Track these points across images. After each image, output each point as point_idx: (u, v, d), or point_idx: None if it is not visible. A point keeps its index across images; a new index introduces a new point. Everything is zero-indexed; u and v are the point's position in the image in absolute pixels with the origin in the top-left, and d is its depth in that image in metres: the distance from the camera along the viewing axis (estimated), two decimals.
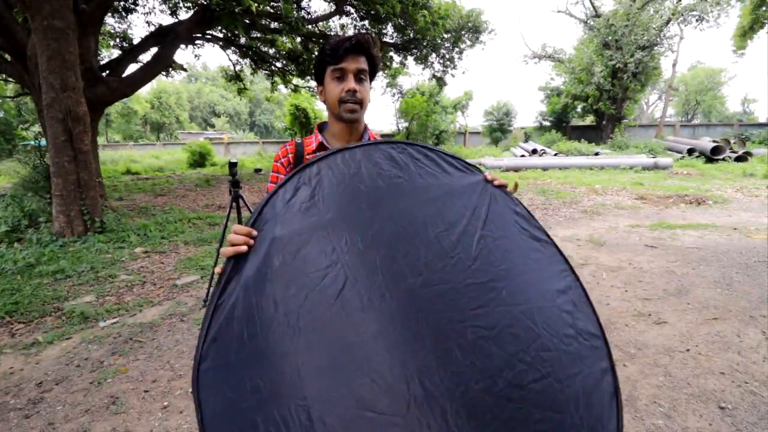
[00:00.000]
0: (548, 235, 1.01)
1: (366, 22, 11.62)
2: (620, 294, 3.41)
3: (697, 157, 13.97)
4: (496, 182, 1.01)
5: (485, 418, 0.77)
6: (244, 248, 0.83)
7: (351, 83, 1.07)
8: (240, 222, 3.69)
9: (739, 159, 13.35)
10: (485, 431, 0.76)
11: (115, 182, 12.36)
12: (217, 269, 0.88)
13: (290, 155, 1.15)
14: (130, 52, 8.82)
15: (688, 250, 4.56)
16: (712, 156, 13.51)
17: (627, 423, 1.90)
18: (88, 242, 5.07)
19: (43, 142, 8.31)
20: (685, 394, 2.10)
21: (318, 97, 1.17)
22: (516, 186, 1.10)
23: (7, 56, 6.57)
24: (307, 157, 1.14)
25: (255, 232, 0.85)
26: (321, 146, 1.15)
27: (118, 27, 10.67)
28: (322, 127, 1.20)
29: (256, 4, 7.55)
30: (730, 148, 14.32)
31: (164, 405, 2.11)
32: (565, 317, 0.92)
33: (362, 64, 1.08)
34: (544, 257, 0.98)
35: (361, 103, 1.10)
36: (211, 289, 2.73)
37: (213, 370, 0.77)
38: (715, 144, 13.87)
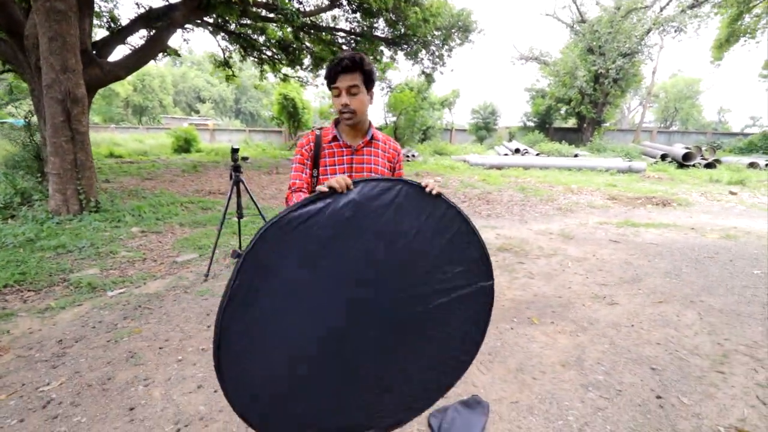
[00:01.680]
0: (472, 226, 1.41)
1: (358, 15, 11.84)
2: (581, 280, 3.83)
3: (670, 162, 14.72)
4: (434, 191, 1.31)
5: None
6: (345, 189, 1.15)
7: (343, 99, 1.39)
8: (239, 205, 3.95)
9: (708, 166, 14.12)
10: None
11: (99, 165, 12.25)
12: (322, 188, 1.18)
13: (312, 143, 1.46)
14: (118, 33, 8.79)
15: (647, 245, 5.03)
16: (683, 162, 14.27)
17: (573, 378, 2.29)
18: (84, 220, 5.22)
19: (20, 121, 8.24)
20: (624, 359, 2.50)
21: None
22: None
23: (1, 34, 6.54)
24: (323, 145, 1.46)
25: (352, 186, 1.17)
26: (334, 138, 1.47)
27: (104, 6, 10.54)
28: (338, 121, 1.51)
29: None
30: (701, 155, 15.13)
31: (178, 359, 2.39)
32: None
33: (353, 80, 1.37)
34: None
35: (355, 112, 1.41)
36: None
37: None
38: (687, 151, 14.63)
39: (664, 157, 15.08)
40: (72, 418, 1.92)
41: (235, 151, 3.74)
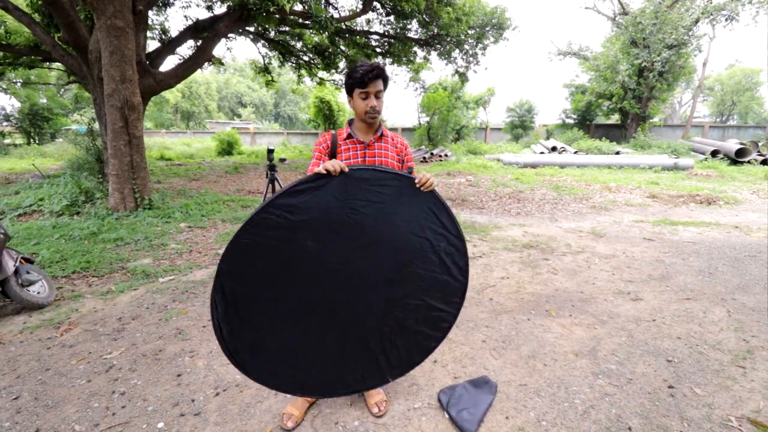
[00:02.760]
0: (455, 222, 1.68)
1: (392, 18, 12.05)
2: (607, 276, 3.81)
3: (722, 159, 13.80)
4: (426, 188, 1.55)
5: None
6: (339, 170, 1.41)
7: (373, 102, 1.60)
8: None
9: (765, 162, 13.12)
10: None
11: (151, 167, 13.27)
12: (312, 170, 1.53)
13: (328, 142, 1.67)
14: (169, 44, 9.52)
15: (683, 244, 4.87)
16: (736, 158, 13.35)
17: (585, 366, 2.36)
18: (139, 217, 5.78)
19: (83, 128, 9.07)
20: (640, 350, 2.53)
21: (348, 103, 1.69)
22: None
23: (69, 49, 7.32)
24: (339, 143, 1.66)
25: (347, 169, 1.43)
26: (349, 136, 1.67)
27: (156, 20, 11.41)
28: (351, 122, 1.72)
29: (288, 3, 8.10)
30: (758, 151, 14.07)
31: None
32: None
33: (380, 86, 1.60)
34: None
35: (379, 113, 1.65)
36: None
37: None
38: (741, 146, 13.66)
39: (714, 153, 14.16)
40: (130, 380, 2.24)
41: (270, 151, 4.05)
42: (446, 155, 15.96)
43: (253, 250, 1.43)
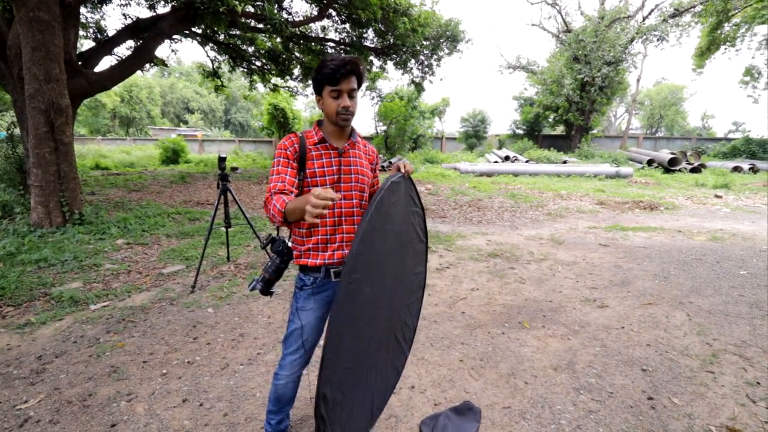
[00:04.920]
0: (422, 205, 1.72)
1: (347, 26, 11.93)
2: (572, 284, 3.83)
3: (656, 167, 14.97)
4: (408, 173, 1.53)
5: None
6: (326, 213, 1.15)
7: (346, 101, 1.38)
8: (227, 215, 3.90)
9: (694, 170, 14.39)
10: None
11: (84, 177, 12.07)
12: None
13: (296, 146, 1.43)
14: (105, 44, 8.73)
15: (635, 249, 5.08)
16: (669, 167, 14.53)
17: (565, 381, 2.27)
18: (67, 233, 5.11)
19: (1, 133, 8.05)
20: (615, 360, 2.50)
21: (317, 104, 1.46)
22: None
23: None
24: (309, 147, 1.43)
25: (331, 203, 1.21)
26: (322, 140, 1.45)
27: (91, 17, 10.47)
28: (320, 123, 1.49)
29: (240, 5, 7.71)
30: (687, 160, 15.42)
31: (163, 372, 2.32)
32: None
33: (353, 83, 1.39)
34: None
35: (353, 114, 1.43)
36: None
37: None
38: (672, 156, 14.90)
39: (650, 162, 15.34)
40: None
41: (222, 159, 3.70)
42: None
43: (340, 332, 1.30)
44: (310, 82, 14.41)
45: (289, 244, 1.54)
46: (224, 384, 2.23)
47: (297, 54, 13.11)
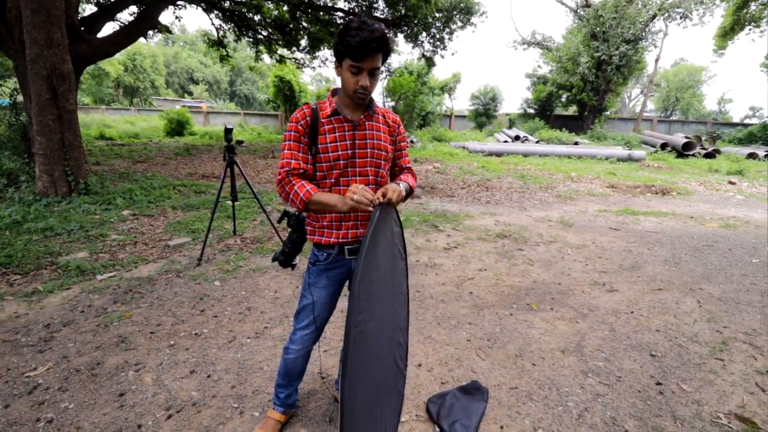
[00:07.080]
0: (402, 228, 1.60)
1: None
2: (581, 267, 3.78)
3: (670, 151, 14.65)
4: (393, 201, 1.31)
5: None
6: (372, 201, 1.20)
7: (365, 80, 1.26)
8: (233, 188, 3.85)
9: (708, 156, 14.07)
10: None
11: (89, 147, 12.00)
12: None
13: (308, 119, 1.35)
14: (107, 8, 8.48)
15: (646, 233, 5.00)
16: (683, 151, 14.21)
17: (573, 364, 2.26)
18: (73, 203, 5.10)
19: (5, 100, 7.95)
20: (624, 345, 2.47)
21: (335, 70, 1.35)
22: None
23: None
24: (322, 120, 1.35)
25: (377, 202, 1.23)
26: (335, 112, 1.36)
27: None
28: (335, 92, 1.40)
29: None
30: (701, 145, 15.06)
31: (171, 344, 2.33)
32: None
33: (377, 62, 1.25)
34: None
35: (370, 93, 1.31)
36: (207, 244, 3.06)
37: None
38: (687, 140, 14.55)
39: (664, 146, 15.00)
40: (59, 404, 1.86)
41: (228, 131, 3.61)
42: (412, 141, 15.78)
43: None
44: (317, 53, 13.90)
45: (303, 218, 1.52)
46: (231, 357, 2.23)
47: (304, 24, 12.71)
